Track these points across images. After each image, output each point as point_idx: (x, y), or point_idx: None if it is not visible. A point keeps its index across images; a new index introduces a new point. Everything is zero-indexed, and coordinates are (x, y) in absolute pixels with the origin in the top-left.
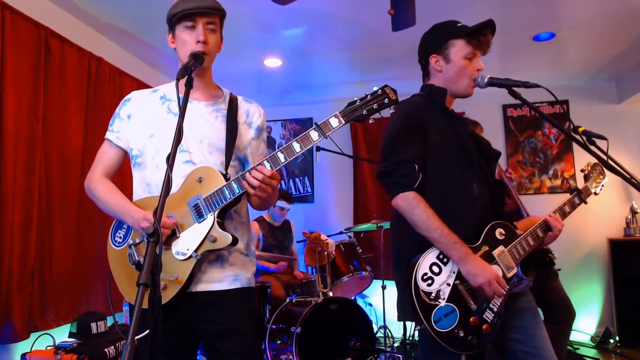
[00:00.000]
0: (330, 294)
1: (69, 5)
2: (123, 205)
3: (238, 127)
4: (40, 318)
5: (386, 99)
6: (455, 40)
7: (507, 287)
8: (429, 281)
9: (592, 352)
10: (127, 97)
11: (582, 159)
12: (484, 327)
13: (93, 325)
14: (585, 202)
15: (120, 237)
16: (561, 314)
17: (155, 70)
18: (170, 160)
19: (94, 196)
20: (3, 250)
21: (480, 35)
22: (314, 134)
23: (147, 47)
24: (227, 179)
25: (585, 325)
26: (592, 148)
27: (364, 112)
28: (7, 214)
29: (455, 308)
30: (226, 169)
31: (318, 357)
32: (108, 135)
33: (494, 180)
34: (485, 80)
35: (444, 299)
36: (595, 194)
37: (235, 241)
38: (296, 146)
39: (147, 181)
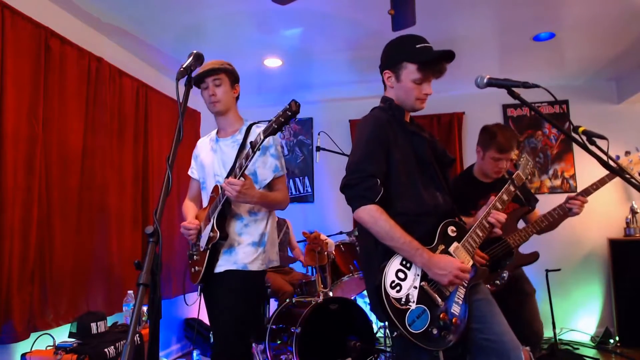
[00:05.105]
0: (330, 294)
1: (69, 5)
2: (186, 216)
3: (244, 149)
4: (40, 318)
5: (289, 112)
6: (408, 64)
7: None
8: (397, 288)
9: (592, 352)
10: (198, 142)
11: (582, 159)
12: (453, 320)
13: (93, 325)
14: (517, 189)
15: None
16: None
17: (155, 70)
18: (170, 160)
19: (183, 213)
20: (3, 250)
21: (433, 65)
22: (248, 148)
23: (147, 47)
24: None
25: (585, 325)
26: (592, 148)
27: (275, 125)
28: (7, 213)
29: (425, 308)
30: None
31: (318, 357)
32: (189, 171)
33: (449, 186)
34: (485, 80)
35: (413, 301)
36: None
37: (224, 236)
38: (243, 160)
39: (205, 198)
